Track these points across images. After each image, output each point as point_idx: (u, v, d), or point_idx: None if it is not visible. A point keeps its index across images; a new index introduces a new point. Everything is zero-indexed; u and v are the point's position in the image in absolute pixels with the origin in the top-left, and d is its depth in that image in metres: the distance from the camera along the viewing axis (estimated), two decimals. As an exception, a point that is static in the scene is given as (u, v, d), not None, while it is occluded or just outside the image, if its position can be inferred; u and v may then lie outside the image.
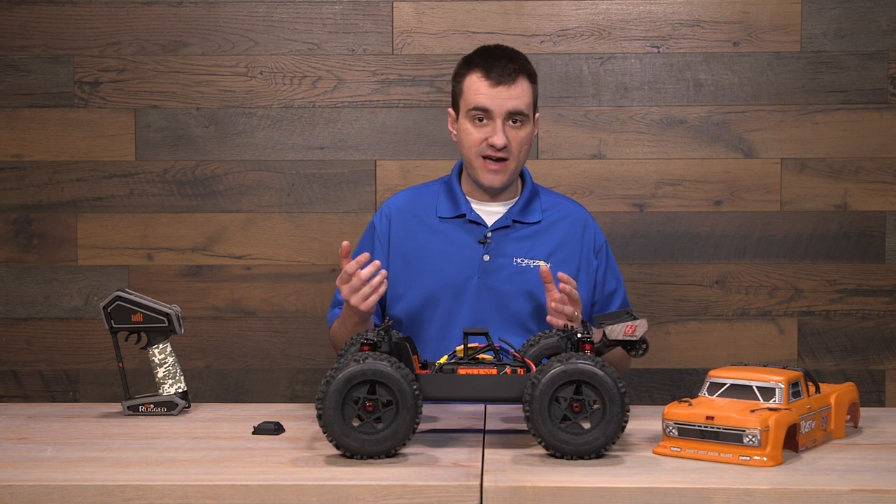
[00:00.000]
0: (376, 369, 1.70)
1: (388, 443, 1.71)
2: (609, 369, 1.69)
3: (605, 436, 1.69)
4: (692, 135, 2.96)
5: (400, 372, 1.70)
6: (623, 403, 1.69)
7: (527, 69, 2.32)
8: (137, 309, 2.11)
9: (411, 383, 1.71)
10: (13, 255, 2.99)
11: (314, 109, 2.97)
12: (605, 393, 1.68)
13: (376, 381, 1.70)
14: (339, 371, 1.70)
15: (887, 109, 2.93)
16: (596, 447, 1.69)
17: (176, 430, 1.97)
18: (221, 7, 2.96)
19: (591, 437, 1.69)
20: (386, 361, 1.71)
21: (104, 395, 2.96)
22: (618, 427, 1.69)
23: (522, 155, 2.31)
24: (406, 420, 1.71)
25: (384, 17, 2.96)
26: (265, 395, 2.99)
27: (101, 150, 2.98)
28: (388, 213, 2.41)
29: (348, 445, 1.70)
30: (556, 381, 1.69)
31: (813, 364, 2.95)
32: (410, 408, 1.70)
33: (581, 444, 1.69)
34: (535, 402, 1.69)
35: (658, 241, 2.96)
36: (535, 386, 1.69)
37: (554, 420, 1.69)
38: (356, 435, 1.70)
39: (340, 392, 1.70)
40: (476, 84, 2.27)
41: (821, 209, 2.96)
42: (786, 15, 2.93)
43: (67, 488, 1.60)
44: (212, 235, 2.98)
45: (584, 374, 1.68)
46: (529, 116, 2.30)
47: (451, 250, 2.32)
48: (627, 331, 1.82)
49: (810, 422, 1.79)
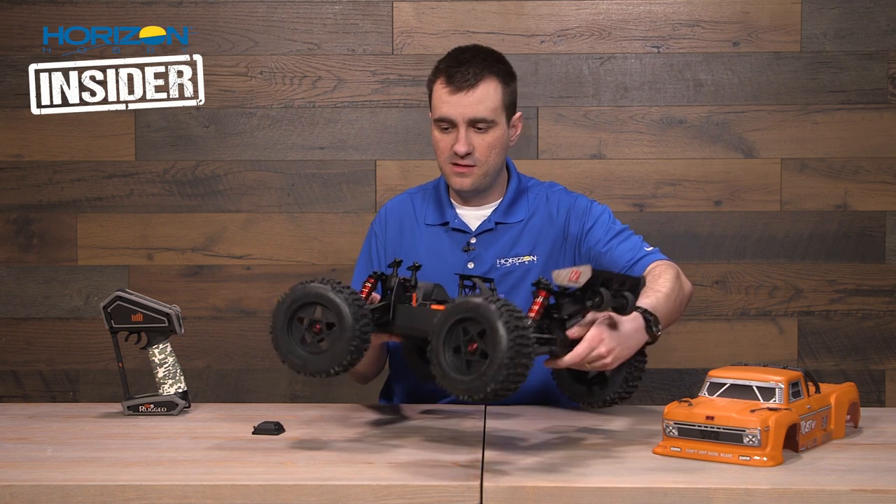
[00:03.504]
0: (316, 292, 1.79)
1: (327, 362, 1.78)
2: (505, 308, 1.59)
3: (481, 381, 1.59)
4: (692, 135, 2.96)
5: (340, 296, 1.77)
6: (510, 346, 1.57)
7: (494, 69, 2.23)
8: (137, 309, 2.11)
9: (352, 306, 1.76)
10: (13, 255, 2.99)
11: (314, 109, 2.97)
12: (487, 327, 1.59)
13: (321, 304, 1.79)
14: (289, 293, 1.82)
15: (887, 109, 2.93)
16: (473, 389, 1.60)
17: (176, 430, 1.97)
18: (221, 7, 2.96)
19: (469, 378, 1.60)
20: (329, 285, 1.79)
21: (104, 395, 2.96)
22: (499, 370, 1.57)
23: (492, 159, 2.25)
24: (344, 340, 1.76)
25: (384, 17, 2.96)
26: (265, 395, 2.99)
27: (101, 150, 2.98)
28: (384, 218, 2.40)
29: (292, 362, 1.82)
30: (450, 317, 1.65)
31: (813, 364, 2.95)
32: (348, 329, 1.76)
33: (461, 383, 1.62)
34: (434, 338, 1.67)
35: (658, 241, 2.95)
36: (436, 322, 1.67)
37: (449, 354, 1.65)
38: (300, 352, 1.81)
39: (286, 312, 1.82)
40: (439, 92, 2.23)
41: (821, 209, 2.96)
42: (786, 15, 2.93)
43: (67, 488, 1.60)
44: (212, 235, 2.98)
45: (470, 309, 1.62)
46: (496, 120, 2.23)
47: (436, 260, 2.30)
48: (572, 276, 1.72)
49: (810, 422, 1.79)
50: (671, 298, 2.07)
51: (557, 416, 2.08)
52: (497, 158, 2.27)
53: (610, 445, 1.83)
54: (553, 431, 1.95)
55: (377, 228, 2.40)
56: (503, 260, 2.29)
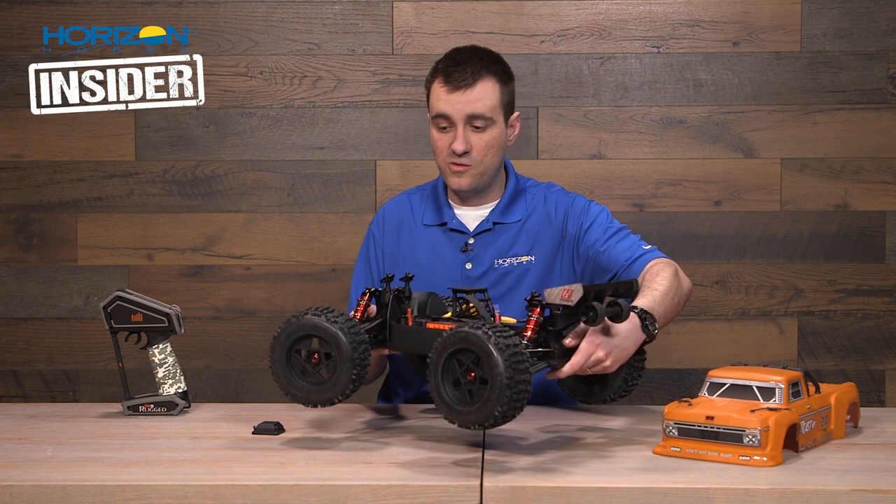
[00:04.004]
0: (312, 324, 1.79)
1: (330, 392, 1.79)
2: (504, 340, 1.61)
3: (479, 415, 1.63)
4: (692, 135, 2.96)
5: (336, 325, 1.77)
6: (505, 374, 1.60)
7: (491, 69, 2.23)
8: (137, 309, 2.11)
9: (349, 334, 1.76)
10: (13, 255, 2.99)
11: (314, 109, 2.97)
12: (485, 361, 1.61)
13: (317, 336, 1.79)
14: (285, 327, 1.82)
15: (887, 109, 2.93)
16: (470, 422, 1.64)
17: (176, 430, 1.97)
18: (221, 7, 2.96)
19: (470, 409, 1.64)
20: (323, 316, 1.78)
21: (104, 395, 2.96)
22: (498, 402, 1.61)
23: (489, 159, 2.25)
24: (345, 370, 1.77)
25: (384, 17, 2.96)
26: (265, 395, 2.99)
27: (101, 150, 2.98)
28: (382, 219, 2.40)
29: (295, 395, 1.81)
30: (447, 347, 1.67)
31: (813, 364, 2.95)
32: (347, 359, 1.76)
33: (462, 415, 1.66)
34: (433, 365, 1.69)
35: (658, 241, 2.95)
36: (435, 349, 1.69)
37: (447, 385, 1.67)
38: (301, 384, 1.81)
39: (283, 345, 1.81)
40: (437, 91, 2.24)
41: (821, 209, 2.96)
42: (786, 15, 2.93)
43: (67, 488, 1.60)
44: (212, 235, 2.98)
45: (468, 340, 1.64)
46: (493, 119, 2.23)
47: (434, 260, 2.30)
48: (564, 294, 1.75)
49: (810, 422, 1.79)
50: (668, 296, 2.06)
51: (557, 416, 2.08)
52: (494, 158, 2.26)
53: (610, 445, 1.83)
54: (553, 431, 1.95)
55: (375, 229, 2.40)
56: (501, 260, 2.29)
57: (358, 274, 2.39)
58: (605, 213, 2.32)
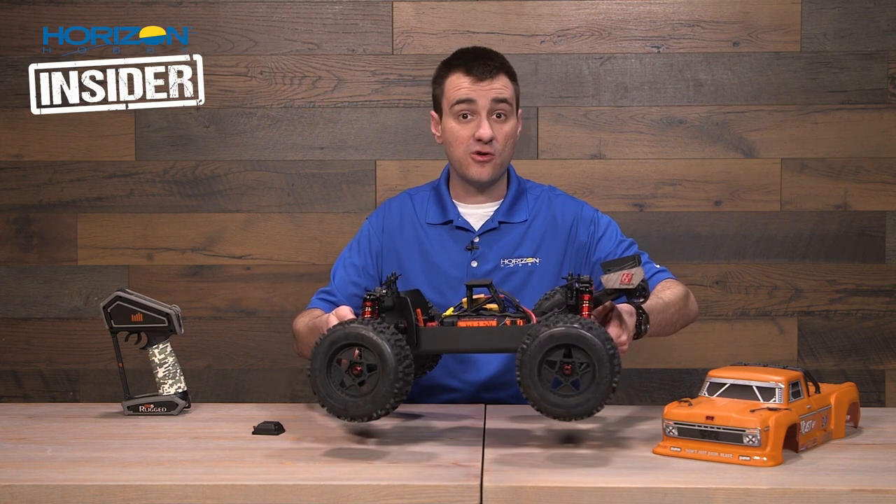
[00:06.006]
0: (358, 333, 1.72)
1: (370, 405, 1.72)
2: (598, 330, 1.66)
3: (595, 398, 1.66)
4: (692, 135, 2.96)
5: (383, 336, 1.72)
6: (612, 365, 1.65)
7: (507, 67, 2.31)
8: (137, 309, 2.11)
9: (395, 347, 1.71)
10: (13, 255, 2.99)
11: (314, 109, 2.97)
12: (593, 355, 1.65)
13: (362, 346, 1.72)
14: (328, 334, 1.74)
15: (887, 109, 2.93)
16: (587, 409, 1.67)
17: (176, 430, 1.97)
18: (221, 7, 2.96)
19: (581, 399, 1.67)
20: (370, 326, 1.73)
21: (104, 395, 2.96)
22: (608, 388, 1.66)
23: (507, 151, 2.29)
24: (387, 384, 1.71)
25: (384, 17, 2.96)
26: (265, 395, 2.99)
27: (101, 150, 2.98)
28: (383, 213, 2.40)
29: (332, 406, 1.74)
30: (544, 346, 1.67)
31: (813, 364, 2.95)
32: (391, 371, 1.71)
33: (572, 407, 1.67)
34: (524, 367, 1.68)
35: (658, 241, 2.96)
36: (525, 351, 1.68)
37: (545, 383, 1.67)
38: (340, 396, 1.73)
39: (325, 354, 1.74)
40: (457, 81, 2.27)
41: (821, 209, 2.96)
42: (786, 15, 2.93)
43: (67, 488, 1.60)
44: (212, 235, 2.98)
45: (572, 337, 1.66)
46: (513, 109, 2.29)
47: (440, 258, 2.31)
48: (624, 279, 1.79)
49: (810, 422, 1.79)
50: (670, 309, 2.13)
51: (557, 416, 2.08)
52: (511, 151, 2.32)
53: (610, 445, 1.83)
54: (553, 431, 1.95)
55: (374, 220, 2.39)
56: (507, 260, 2.30)
57: (344, 260, 2.38)
58: (615, 225, 2.38)
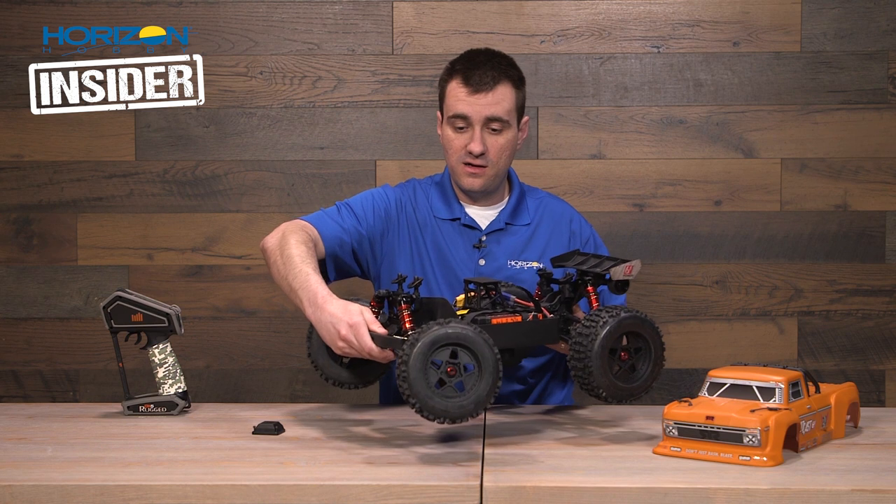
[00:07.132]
0: (458, 334, 1.69)
1: (472, 406, 1.70)
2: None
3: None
4: (692, 135, 2.96)
5: (482, 336, 1.71)
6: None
7: (509, 74, 2.26)
8: (137, 309, 2.11)
9: (493, 347, 1.71)
10: (13, 255, 2.99)
11: (314, 109, 2.97)
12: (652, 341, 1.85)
13: (459, 345, 1.70)
14: (422, 334, 1.68)
15: (887, 109, 2.93)
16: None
17: (176, 430, 1.97)
18: (221, 7, 2.96)
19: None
20: (469, 326, 1.71)
21: (104, 395, 2.96)
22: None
23: (502, 162, 2.27)
24: (488, 384, 1.71)
25: (384, 17, 2.96)
26: (265, 395, 2.99)
27: (101, 150, 2.98)
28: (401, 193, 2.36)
29: (433, 409, 1.68)
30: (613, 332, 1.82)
31: (813, 364, 2.95)
32: (492, 371, 1.71)
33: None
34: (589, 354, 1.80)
35: (658, 241, 2.96)
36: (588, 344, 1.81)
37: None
38: (438, 399, 1.69)
39: (425, 355, 1.67)
40: (455, 91, 2.25)
41: (821, 209, 2.96)
42: (786, 15, 2.93)
43: (67, 488, 1.60)
44: (212, 235, 2.98)
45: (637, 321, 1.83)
46: (510, 122, 2.26)
47: (448, 255, 2.31)
48: (627, 271, 1.93)
49: (810, 422, 1.79)
50: None
51: (557, 416, 2.08)
52: (507, 161, 2.30)
53: (610, 445, 1.83)
54: (553, 431, 1.95)
55: (395, 191, 2.35)
56: (513, 262, 2.31)
57: (346, 207, 2.33)
58: (602, 247, 2.41)
